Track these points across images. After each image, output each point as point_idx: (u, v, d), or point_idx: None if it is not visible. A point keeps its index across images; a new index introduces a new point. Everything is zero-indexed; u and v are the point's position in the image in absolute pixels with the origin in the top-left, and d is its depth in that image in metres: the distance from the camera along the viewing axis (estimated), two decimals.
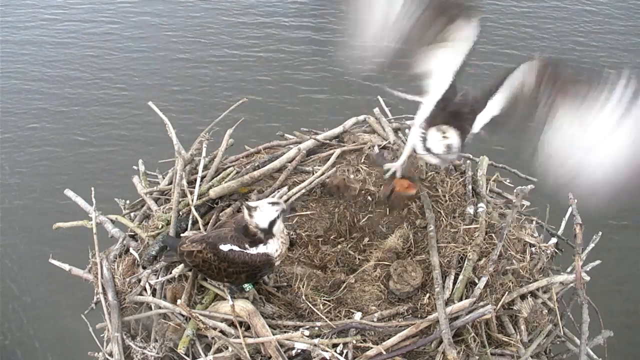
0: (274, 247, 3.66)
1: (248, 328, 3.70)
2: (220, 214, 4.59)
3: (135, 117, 11.07)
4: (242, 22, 13.84)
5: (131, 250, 4.38)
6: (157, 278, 4.11)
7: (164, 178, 5.17)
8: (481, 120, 3.92)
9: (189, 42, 13.17)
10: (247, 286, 3.93)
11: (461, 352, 3.72)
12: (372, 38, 3.99)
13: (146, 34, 13.48)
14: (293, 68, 12.28)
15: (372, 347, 3.60)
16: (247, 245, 3.62)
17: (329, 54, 12.60)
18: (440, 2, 3.75)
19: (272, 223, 3.56)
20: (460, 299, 3.89)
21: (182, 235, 4.27)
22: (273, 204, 3.59)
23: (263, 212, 3.54)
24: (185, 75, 12.15)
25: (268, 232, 3.59)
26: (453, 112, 3.93)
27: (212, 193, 4.54)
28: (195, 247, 3.71)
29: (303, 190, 4.85)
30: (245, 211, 3.58)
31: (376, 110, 5.65)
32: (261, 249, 3.63)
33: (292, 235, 4.05)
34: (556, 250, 4.55)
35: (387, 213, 4.91)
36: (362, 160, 5.08)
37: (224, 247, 3.63)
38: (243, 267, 3.65)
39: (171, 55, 12.77)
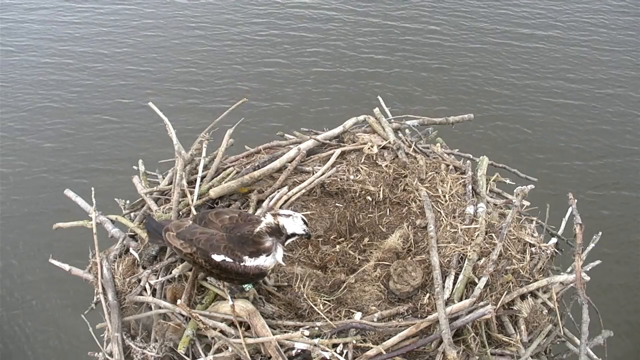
0: (271, 261, 3.70)
1: (248, 328, 3.71)
2: None
3: (135, 117, 11.06)
4: (248, 19, 13.85)
5: (131, 250, 4.38)
6: (157, 278, 4.11)
7: (164, 178, 5.17)
8: None
9: (193, 40, 13.18)
10: (247, 286, 3.95)
11: (461, 352, 3.72)
12: None
13: (149, 34, 13.48)
14: (298, 65, 12.31)
15: (372, 347, 3.61)
16: (245, 257, 3.63)
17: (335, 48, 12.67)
18: None
19: (293, 234, 3.76)
20: (460, 299, 3.89)
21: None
22: (305, 222, 3.78)
23: (295, 222, 3.73)
24: (188, 75, 12.15)
25: (283, 240, 3.72)
26: None
27: (212, 193, 4.55)
28: (185, 249, 3.71)
29: (303, 190, 4.85)
30: (270, 217, 3.68)
31: (376, 110, 5.65)
32: (259, 261, 3.65)
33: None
34: (556, 250, 4.55)
35: (387, 213, 4.92)
36: (362, 160, 5.09)
37: (217, 258, 3.64)
38: (236, 277, 3.71)
39: (174, 56, 12.76)
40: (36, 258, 8.59)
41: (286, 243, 3.80)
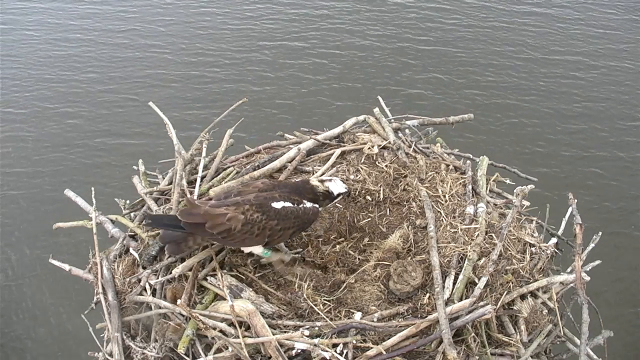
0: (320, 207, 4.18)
1: (248, 328, 3.71)
2: None
3: (135, 116, 11.06)
4: (247, 20, 13.85)
5: (131, 250, 4.38)
6: (157, 278, 4.11)
7: (164, 178, 5.17)
8: None
9: (194, 40, 13.18)
10: (266, 253, 4.14)
11: (461, 352, 3.72)
12: None
13: (150, 33, 13.48)
14: (298, 64, 12.31)
15: (372, 347, 3.61)
16: (304, 200, 4.00)
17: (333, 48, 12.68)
18: None
19: (338, 195, 4.20)
20: (460, 299, 3.89)
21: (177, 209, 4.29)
22: (344, 182, 4.32)
23: (337, 183, 4.19)
24: (189, 75, 12.16)
25: (330, 200, 4.17)
26: None
27: (212, 193, 4.54)
28: (231, 212, 3.74)
29: None
30: (317, 182, 4.12)
31: (376, 110, 5.65)
32: (314, 205, 4.08)
33: None
34: (556, 250, 4.55)
35: (387, 213, 4.92)
36: (362, 160, 5.08)
37: (277, 205, 3.86)
38: (294, 222, 3.92)
39: (174, 56, 12.76)
40: (36, 258, 8.59)
41: (333, 203, 4.30)
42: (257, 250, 4.11)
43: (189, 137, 5.58)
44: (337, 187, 4.19)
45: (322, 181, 4.17)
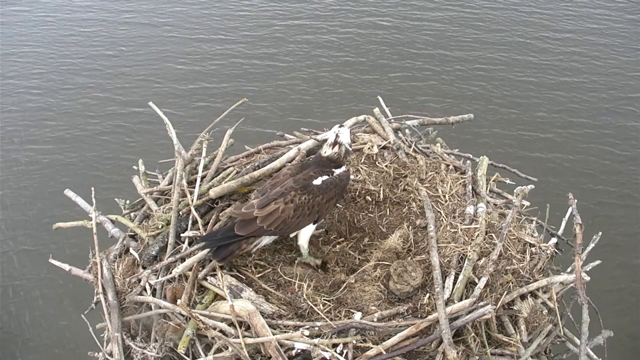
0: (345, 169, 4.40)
1: (248, 328, 3.70)
2: (220, 214, 4.59)
3: (135, 116, 11.06)
4: (246, 21, 13.86)
5: (131, 250, 4.38)
6: (157, 278, 4.11)
7: (164, 178, 5.17)
8: None
9: (194, 40, 13.18)
10: (305, 253, 4.39)
11: (461, 352, 3.72)
12: None
13: (150, 32, 13.48)
14: (296, 65, 12.31)
15: (372, 347, 3.61)
16: (333, 170, 4.23)
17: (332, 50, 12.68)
18: None
19: (349, 145, 4.37)
20: (460, 299, 3.89)
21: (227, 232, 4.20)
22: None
23: (344, 133, 4.33)
24: (188, 75, 12.15)
25: (349, 153, 4.38)
26: None
27: (212, 193, 4.54)
28: (280, 204, 3.97)
29: None
30: (327, 151, 4.27)
31: (376, 110, 5.65)
32: (342, 169, 4.31)
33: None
34: (556, 250, 4.55)
35: (387, 213, 4.92)
36: (362, 161, 5.08)
37: (317, 182, 4.10)
38: (335, 191, 4.19)
39: (174, 55, 12.75)
40: (36, 258, 8.59)
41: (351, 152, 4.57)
42: (305, 239, 4.38)
43: (190, 136, 5.58)
44: (346, 135, 4.32)
45: (330, 146, 4.30)
